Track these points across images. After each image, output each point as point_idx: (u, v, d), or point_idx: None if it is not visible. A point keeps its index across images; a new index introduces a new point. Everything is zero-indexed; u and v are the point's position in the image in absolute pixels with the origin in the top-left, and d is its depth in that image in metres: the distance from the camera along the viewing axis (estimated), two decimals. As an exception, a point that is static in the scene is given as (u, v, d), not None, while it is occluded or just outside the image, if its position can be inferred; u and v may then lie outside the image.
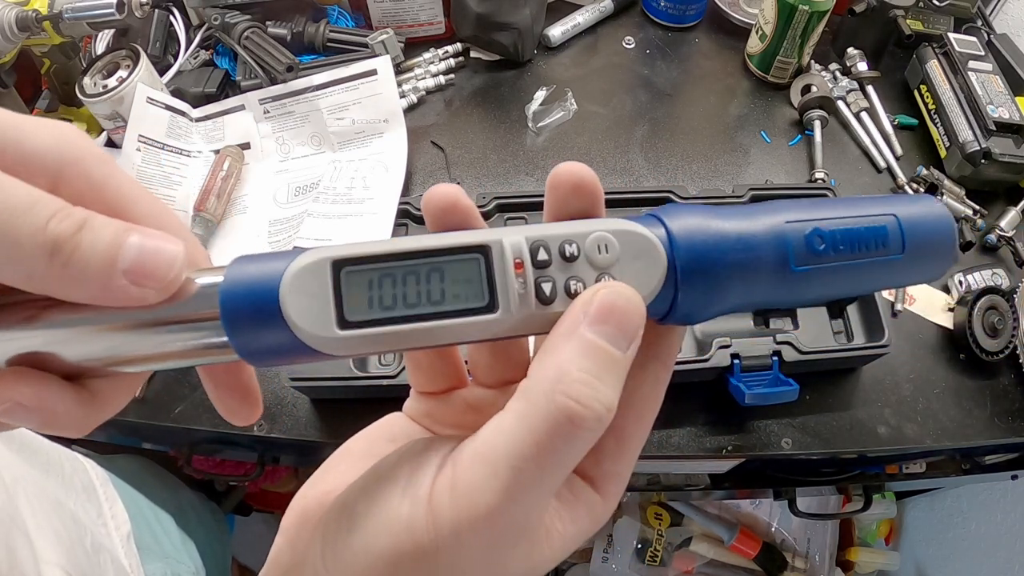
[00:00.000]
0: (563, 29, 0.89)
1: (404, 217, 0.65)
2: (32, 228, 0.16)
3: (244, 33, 0.76)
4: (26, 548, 0.39)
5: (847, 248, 0.21)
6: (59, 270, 0.16)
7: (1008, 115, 0.72)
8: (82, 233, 0.17)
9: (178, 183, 0.72)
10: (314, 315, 0.18)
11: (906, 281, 0.23)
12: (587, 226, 0.20)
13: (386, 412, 0.28)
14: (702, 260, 0.20)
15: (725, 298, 0.20)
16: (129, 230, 0.17)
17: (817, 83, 0.82)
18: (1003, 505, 0.97)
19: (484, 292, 0.19)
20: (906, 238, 0.21)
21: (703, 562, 1.18)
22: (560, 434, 0.17)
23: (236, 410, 0.22)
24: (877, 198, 0.22)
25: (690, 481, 0.85)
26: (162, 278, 0.17)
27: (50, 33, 0.68)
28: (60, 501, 0.48)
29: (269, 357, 0.19)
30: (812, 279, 0.21)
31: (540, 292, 0.19)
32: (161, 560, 0.60)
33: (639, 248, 0.20)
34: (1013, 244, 0.68)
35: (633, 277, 0.20)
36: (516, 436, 0.17)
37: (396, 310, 0.19)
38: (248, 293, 0.18)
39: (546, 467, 0.17)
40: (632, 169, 0.77)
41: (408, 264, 0.19)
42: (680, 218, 0.20)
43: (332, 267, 0.19)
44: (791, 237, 0.20)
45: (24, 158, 0.17)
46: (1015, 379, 0.62)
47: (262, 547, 1.22)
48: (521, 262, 0.19)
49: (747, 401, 0.54)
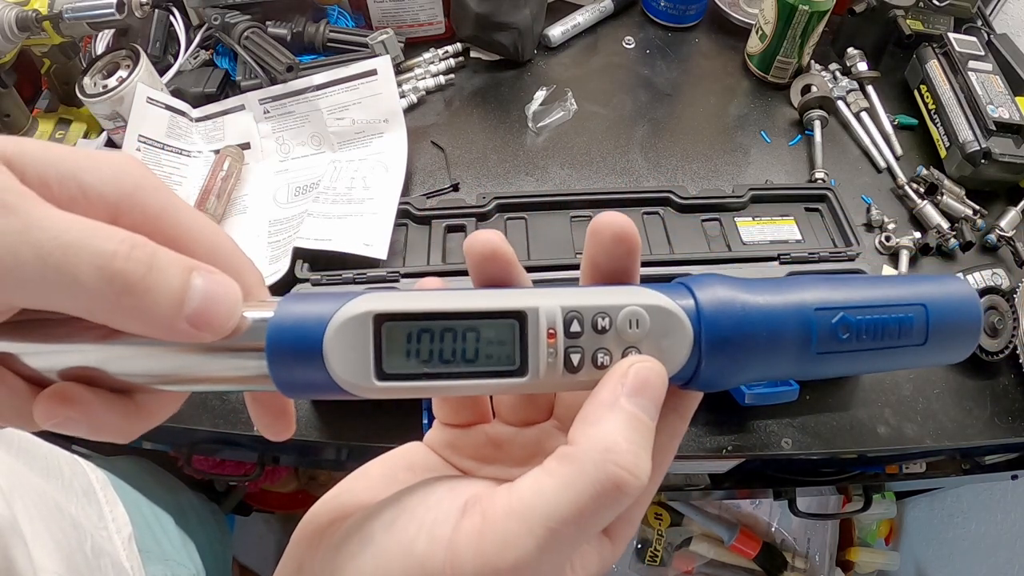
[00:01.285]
0: (563, 29, 0.89)
1: (404, 217, 0.65)
2: (93, 263, 0.16)
3: (244, 33, 0.76)
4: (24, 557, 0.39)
5: (870, 337, 0.21)
6: (126, 311, 0.17)
7: (1008, 115, 0.72)
8: (151, 275, 0.17)
9: (178, 183, 0.72)
10: (354, 365, 0.19)
11: (925, 364, 0.23)
12: (620, 298, 0.21)
13: (385, 414, 0.28)
14: (727, 336, 0.20)
15: (746, 371, 0.21)
16: (192, 270, 0.18)
17: (817, 83, 0.82)
18: (1003, 505, 0.97)
19: (516, 356, 0.20)
20: (931, 328, 0.21)
21: (703, 562, 1.18)
22: (606, 501, 0.18)
23: (271, 426, 0.23)
24: (907, 281, 0.22)
25: (690, 481, 0.85)
26: (220, 326, 0.18)
27: (50, 33, 0.68)
28: (60, 505, 0.48)
29: (305, 392, 0.20)
30: (832, 361, 0.21)
31: (568, 362, 0.20)
32: (162, 562, 0.60)
33: (668, 326, 0.20)
34: (1013, 244, 0.68)
35: (660, 352, 0.20)
36: (560, 499, 0.18)
37: (431, 365, 0.20)
38: (294, 337, 0.19)
39: (585, 529, 0.18)
40: (632, 169, 0.77)
41: (447, 323, 0.20)
42: (710, 290, 0.21)
43: (375, 321, 0.20)
44: (816, 323, 0.21)
45: (83, 191, 0.18)
46: (1015, 379, 0.62)
47: (262, 547, 1.23)
48: (554, 332, 0.20)
49: (747, 401, 0.54)
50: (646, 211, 0.65)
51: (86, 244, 0.16)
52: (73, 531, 0.47)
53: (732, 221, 0.65)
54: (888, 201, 0.75)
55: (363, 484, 0.25)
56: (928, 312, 0.21)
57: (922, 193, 0.74)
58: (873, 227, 0.72)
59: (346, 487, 0.25)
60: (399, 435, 0.59)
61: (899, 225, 0.72)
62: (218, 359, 0.19)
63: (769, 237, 0.64)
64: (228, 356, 0.19)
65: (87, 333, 0.19)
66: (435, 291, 0.21)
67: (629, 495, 0.18)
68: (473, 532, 0.18)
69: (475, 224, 0.64)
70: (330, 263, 0.62)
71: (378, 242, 0.62)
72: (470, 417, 0.27)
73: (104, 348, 0.19)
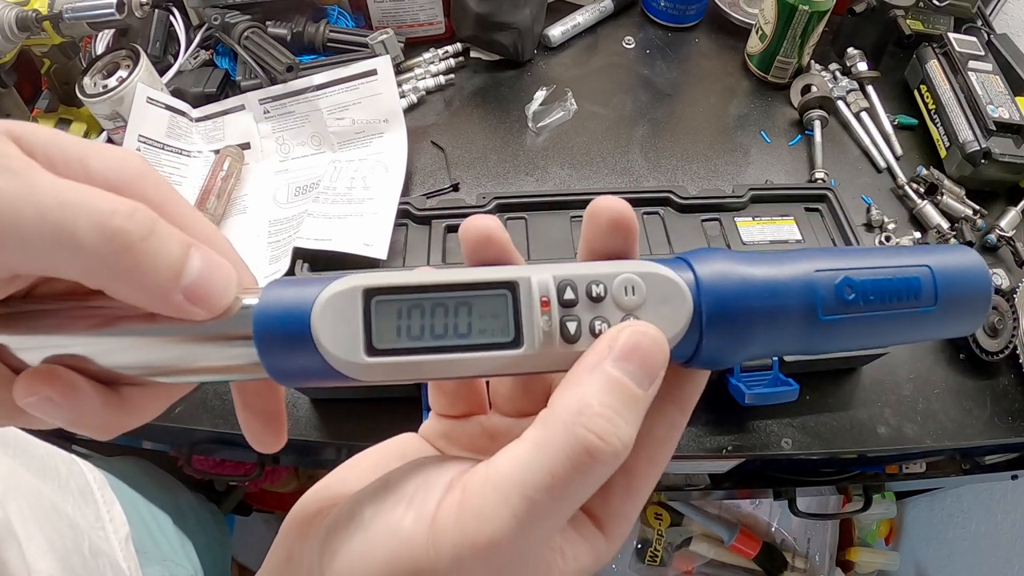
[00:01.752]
0: (563, 29, 0.89)
1: (404, 217, 0.65)
2: (91, 220, 0.16)
3: (244, 33, 0.76)
4: (18, 558, 0.39)
5: (877, 298, 0.20)
6: (124, 273, 0.17)
7: (1008, 115, 0.72)
8: (152, 239, 0.17)
9: (178, 183, 0.71)
10: (343, 341, 0.19)
11: (937, 334, 0.22)
12: (615, 267, 0.20)
13: (384, 413, 0.28)
14: (728, 306, 0.20)
15: (751, 345, 0.20)
16: (191, 245, 0.18)
17: (817, 83, 0.82)
18: (1003, 505, 0.97)
19: (510, 328, 0.19)
20: (939, 290, 0.20)
21: (703, 562, 1.18)
22: (577, 466, 0.17)
23: (260, 435, 0.23)
24: (910, 248, 0.22)
25: (690, 481, 0.85)
26: (216, 303, 0.18)
27: (50, 33, 0.68)
28: (56, 506, 0.48)
29: (298, 378, 0.20)
30: (840, 329, 0.20)
31: (565, 330, 0.19)
32: (159, 563, 0.60)
33: (666, 292, 0.20)
34: (1013, 244, 0.68)
35: (659, 320, 0.20)
36: (532, 465, 0.17)
37: (423, 340, 0.19)
38: (281, 316, 0.19)
39: (559, 499, 0.17)
40: (632, 169, 0.77)
41: (437, 296, 0.19)
42: (708, 263, 0.20)
43: (363, 295, 0.19)
44: (820, 285, 0.20)
45: (87, 174, 0.18)
46: (1015, 379, 0.62)
47: (262, 547, 1.22)
48: (548, 300, 0.19)
49: (747, 401, 0.54)
50: (646, 211, 0.65)
51: (86, 202, 0.17)
52: (70, 531, 0.47)
53: (732, 221, 0.65)
54: (888, 201, 0.75)
55: (354, 474, 0.24)
56: (934, 273, 0.20)
57: (922, 193, 0.74)
58: (873, 227, 0.72)
59: (337, 477, 0.24)
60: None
61: (899, 225, 0.72)
62: (208, 347, 0.19)
63: (769, 237, 0.64)
64: (218, 344, 0.19)
65: (76, 323, 0.19)
66: (427, 269, 0.20)
67: (602, 462, 0.17)
68: (454, 506, 0.18)
69: (475, 224, 0.64)
70: (330, 263, 0.62)
71: (378, 242, 0.62)
72: (466, 407, 0.27)
73: (93, 337, 0.19)
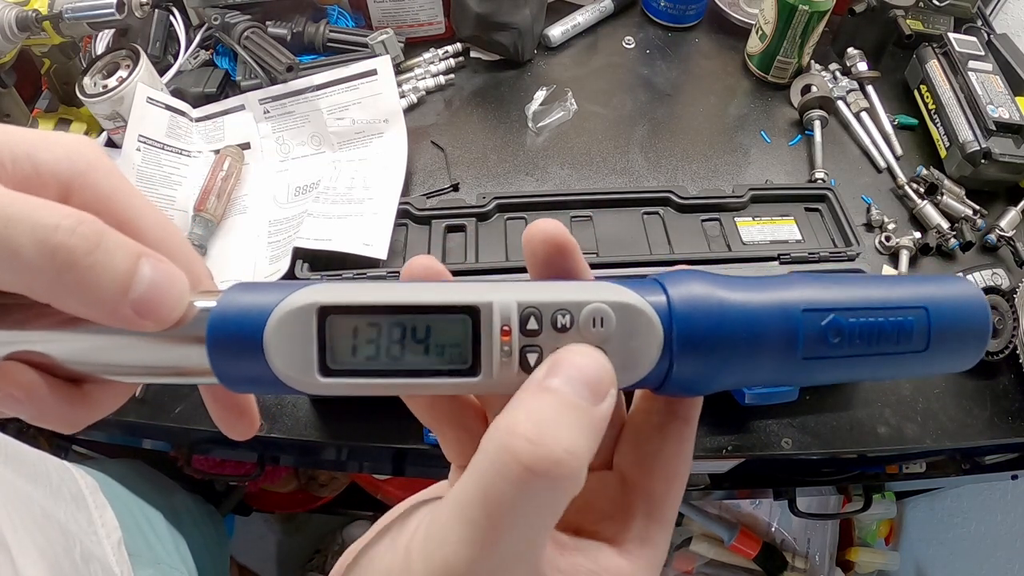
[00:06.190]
0: (563, 29, 0.89)
1: (404, 217, 0.65)
2: (33, 236, 0.16)
3: (244, 33, 0.76)
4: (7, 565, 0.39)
5: (864, 342, 0.19)
6: (68, 288, 0.17)
7: (1008, 115, 0.72)
8: (97, 253, 0.17)
9: (178, 183, 0.71)
10: (296, 361, 0.18)
11: (927, 373, 0.21)
12: (585, 293, 0.19)
13: (385, 413, 0.28)
14: (701, 337, 0.18)
15: (723, 376, 0.19)
16: (141, 256, 0.18)
17: (817, 83, 0.82)
18: (1003, 505, 0.97)
19: (468, 355, 0.19)
20: (932, 332, 0.19)
21: (703, 562, 1.18)
22: (512, 482, 0.16)
23: (233, 425, 0.23)
24: (907, 280, 0.20)
25: (690, 481, 0.85)
26: (166, 315, 0.18)
27: (50, 33, 0.68)
28: (47, 512, 0.48)
29: (249, 388, 0.20)
30: (820, 369, 0.19)
31: (524, 361, 0.19)
32: (153, 565, 0.60)
33: (635, 325, 0.19)
34: (1013, 244, 0.68)
35: (626, 356, 0.19)
36: (467, 487, 0.17)
37: (378, 362, 0.19)
38: (234, 328, 0.18)
39: (501, 518, 0.16)
40: (632, 169, 0.77)
41: (396, 318, 0.19)
42: (683, 286, 0.19)
43: (318, 313, 0.18)
44: (804, 325, 0.19)
45: (36, 170, 0.18)
46: (1015, 379, 0.62)
47: (262, 547, 1.23)
48: (509, 329, 0.19)
49: (747, 401, 0.54)
50: (646, 211, 0.65)
51: (27, 216, 0.16)
52: (61, 537, 0.47)
53: (732, 221, 0.65)
54: (888, 201, 0.75)
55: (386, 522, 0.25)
56: (930, 315, 0.19)
57: (922, 193, 0.74)
58: (873, 227, 0.72)
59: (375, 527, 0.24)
60: (399, 436, 0.59)
61: (899, 225, 0.72)
62: (161, 349, 0.19)
63: (769, 237, 0.64)
64: (171, 346, 0.19)
65: (38, 321, 0.19)
66: (387, 283, 0.20)
67: (542, 474, 0.16)
68: (421, 534, 0.18)
69: (475, 224, 0.64)
70: (330, 263, 0.62)
71: (378, 242, 0.62)
72: None
73: (51, 335, 0.19)
